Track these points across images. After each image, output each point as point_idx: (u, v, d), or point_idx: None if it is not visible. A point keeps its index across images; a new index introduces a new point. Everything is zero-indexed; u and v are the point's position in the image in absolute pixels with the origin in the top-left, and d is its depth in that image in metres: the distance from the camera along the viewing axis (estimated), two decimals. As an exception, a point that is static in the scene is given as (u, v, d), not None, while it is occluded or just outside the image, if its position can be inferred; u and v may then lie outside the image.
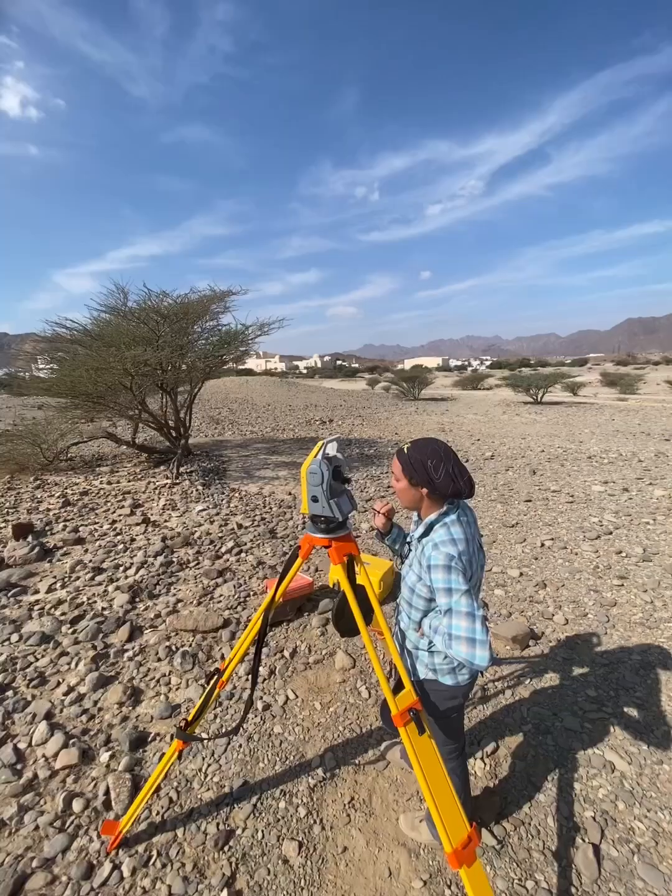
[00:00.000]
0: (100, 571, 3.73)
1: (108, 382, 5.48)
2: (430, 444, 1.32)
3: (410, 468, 1.30)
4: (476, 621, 1.11)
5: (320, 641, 2.89)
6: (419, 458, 1.28)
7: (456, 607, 1.14)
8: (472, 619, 1.12)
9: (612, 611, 3.15)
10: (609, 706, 2.28)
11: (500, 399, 19.41)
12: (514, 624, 2.90)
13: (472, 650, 1.09)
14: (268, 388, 21.30)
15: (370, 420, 12.73)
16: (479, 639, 1.10)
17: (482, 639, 1.10)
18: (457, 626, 1.13)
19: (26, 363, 7.78)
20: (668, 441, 9.10)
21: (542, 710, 2.27)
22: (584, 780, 1.90)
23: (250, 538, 4.47)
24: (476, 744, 2.08)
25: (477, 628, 1.11)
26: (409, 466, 1.30)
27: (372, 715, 2.29)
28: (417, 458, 1.29)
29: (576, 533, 4.54)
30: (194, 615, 3.06)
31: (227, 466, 7.22)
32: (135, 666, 2.62)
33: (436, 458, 1.27)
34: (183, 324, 6.12)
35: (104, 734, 2.13)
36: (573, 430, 10.89)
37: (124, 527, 4.69)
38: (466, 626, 1.11)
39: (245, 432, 10.49)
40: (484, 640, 1.09)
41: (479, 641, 1.09)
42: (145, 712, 2.29)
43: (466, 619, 1.12)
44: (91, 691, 2.40)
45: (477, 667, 1.10)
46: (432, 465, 1.26)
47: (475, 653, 1.09)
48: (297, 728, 2.22)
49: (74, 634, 2.89)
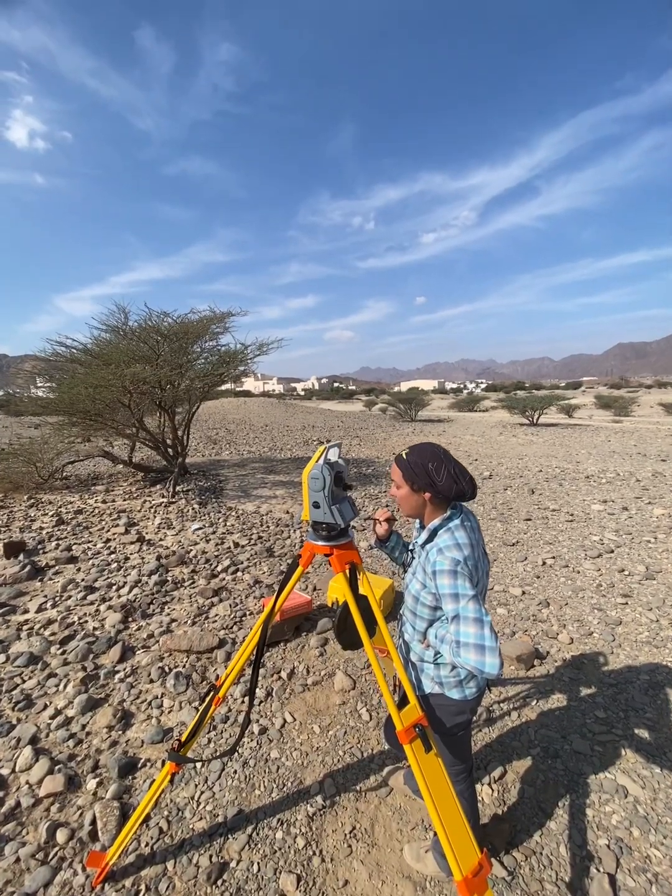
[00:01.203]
0: (92, 590, 3.64)
1: (106, 400, 5.47)
2: (429, 447, 1.31)
3: (411, 473, 1.27)
4: (485, 627, 1.07)
5: (319, 662, 2.80)
6: (419, 463, 1.26)
7: (463, 613, 1.10)
8: (481, 624, 1.08)
9: (618, 629, 3.08)
10: (619, 728, 2.20)
11: (496, 421, 19.54)
12: (519, 643, 2.82)
13: (481, 657, 1.05)
14: (265, 409, 21.37)
15: (368, 440, 12.74)
16: (488, 645, 1.05)
17: (492, 645, 1.05)
18: (465, 633, 1.08)
19: (25, 383, 7.78)
20: (665, 461, 9.13)
21: (550, 733, 2.18)
22: (596, 805, 1.81)
23: (247, 557, 4.39)
24: (483, 768, 1.99)
25: (486, 634, 1.06)
26: (409, 471, 1.28)
27: (374, 738, 2.20)
28: (418, 463, 1.27)
29: (577, 551, 4.49)
30: (188, 635, 2.97)
31: (223, 485, 7.15)
32: (126, 688, 2.52)
33: (436, 460, 1.25)
34: (183, 343, 6.17)
35: (92, 760, 2.02)
36: (570, 450, 10.93)
37: (118, 545, 4.60)
38: (475, 632, 1.07)
39: (242, 452, 10.46)
40: (494, 647, 1.05)
41: (488, 648, 1.05)
42: (135, 736, 2.19)
43: (474, 624, 1.08)
44: (79, 714, 2.30)
45: (487, 675, 1.05)
46: (433, 468, 1.24)
47: (485, 660, 1.05)
48: (296, 753, 2.12)
49: (63, 655, 2.79)
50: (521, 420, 18.49)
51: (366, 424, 17.44)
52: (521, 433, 14.79)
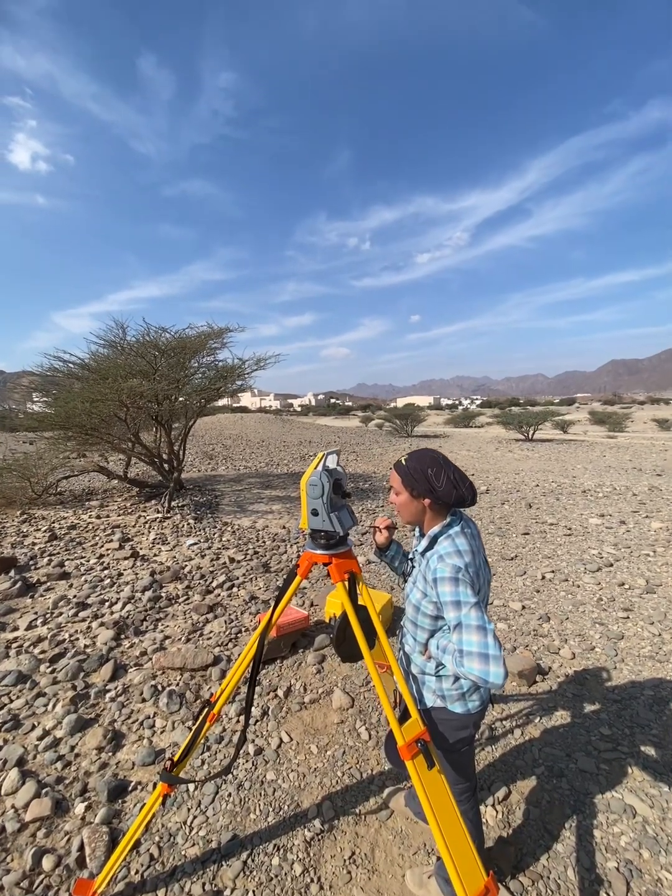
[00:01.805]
0: (84, 607, 3.56)
1: (102, 414, 5.46)
2: (428, 453, 1.30)
3: (411, 479, 1.26)
4: (488, 635, 1.05)
5: (316, 679, 2.73)
6: (419, 468, 1.25)
7: (466, 621, 1.07)
8: (484, 632, 1.05)
9: (620, 644, 3.03)
10: (625, 745, 2.14)
11: (492, 436, 19.63)
12: (520, 658, 2.77)
13: (485, 666, 1.02)
14: (262, 425, 21.39)
15: (365, 456, 12.74)
16: (492, 654, 1.03)
17: (495, 654, 1.03)
18: (468, 642, 1.06)
19: (21, 398, 7.76)
20: (661, 476, 9.16)
21: (554, 751, 2.12)
22: (603, 826, 1.74)
23: (243, 572, 4.33)
24: (486, 789, 1.92)
25: (489, 642, 1.04)
26: (409, 477, 1.27)
27: (373, 758, 2.13)
28: (417, 468, 1.25)
29: (576, 565, 4.45)
30: (182, 652, 2.90)
31: (219, 500, 7.10)
32: (117, 707, 2.44)
33: (435, 465, 1.24)
34: (180, 358, 6.20)
35: (80, 783, 1.94)
36: (566, 465, 10.96)
37: (112, 561, 4.53)
38: (478, 640, 1.05)
39: (239, 467, 10.41)
40: (497, 656, 1.02)
41: (492, 657, 1.02)
42: (126, 758, 2.11)
43: (478, 632, 1.05)
44: (68, 735, 2.22)
45: (491, 685, 1.02)
46: (433, 474, 1.23)
47: (489, 669, 1.02)
48: (292, 774, 2.04)
49: (53, 674, 2.71)
50: (516, 436, 18.58)
51: (362, 440, 17.46)
52: (517, 448, 14.84)
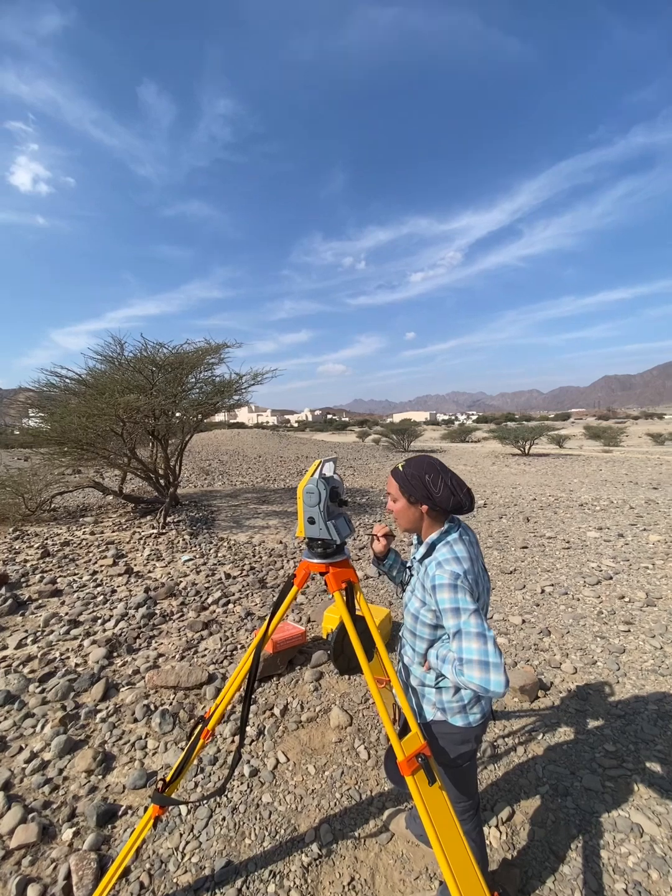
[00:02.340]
0: (76, 625, 3.49)
1: (99, 429, 5.44)
2: (426, 459, 1.29)
3: (408, 485, 1.25)
4: (488, 642, 1.03)
5: (314, 697, 2.67)
6: (416, 474, 1.25)
7: (465, 628, 1.05)
8: (484, 639, 1.03)
9: (622, 658, 2.98)
10: (630, 762, 2.09)
11: (488, 451, 19.69)
12: (522, 673, 2.72)
13: (485, 674, 1.00)
14: (259, 440, 21.37)
15: (362, 471, 12.72)
16: (492, 661, 1.01)
17: (496, 661, 1.00)
18: (468, 649, 1.04)
19: (18, 414, 7.73)
20: (657, 489, 9.18)
21: (558, 769, 2.06)
22: (610, 846, 1.69)
23: (238, 588, 4.26)
24: (489, 809, 1.86)
25: (490, 650, 1.02)
26: (406, 483, 1.26)
27: (372, 779, 2.06)
28: (414, 474, 1.25)
29: (575, 578, 4.42)
30: (176, 670, 2.83)
31: (215, 516, 7.03)
32: (108, 728, 2.37)
33: (433, 471, 1.24)
34: (178, 373, 6.22)
35: (69, 807, 1.87)
36: (562, 479, 10.98)
37: (105, 578, 4.46)
38: (478, 647, 1.02)
39: (235, 482, 10.36)
40: (498, 663, 1.00)
41: (492, 664, 1.00)
42: (116, 781, 2.04)
43: (477, 640, 1.03)
44: (56, 758, 2.14)
45: (493, 694, 1.00)
46: (430, 480, 1.22)
47: (489, 677, 1.00)
48: (289, 796, 1.98)
49: (43, 693, 2.63)
50: (512, 450, 18.64)
51: (359, 455, 17.46)
52: (514, 463, 14.88)
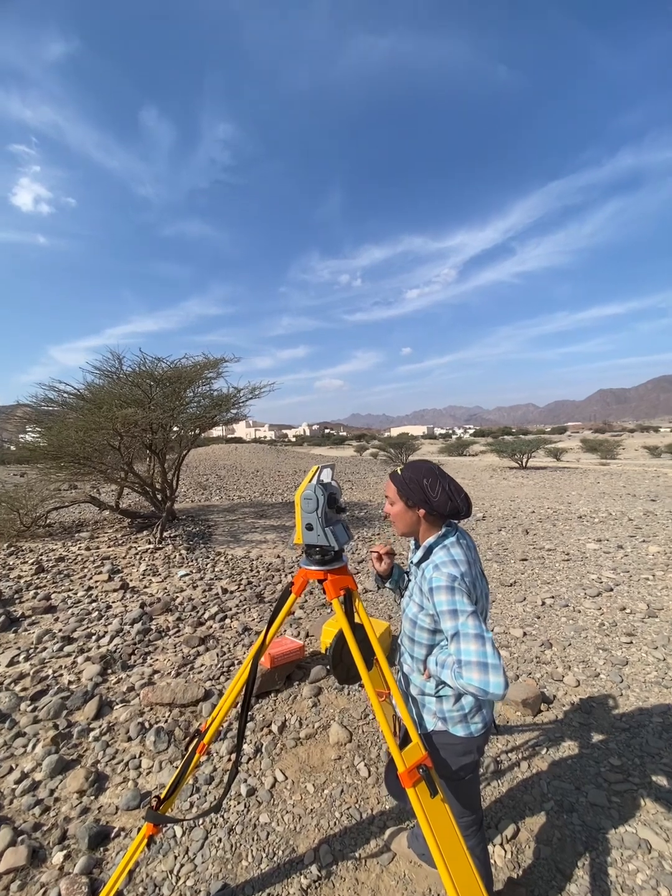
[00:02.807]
0: (70, 641, 3.42)
1: (96, 443, 5.43)
2: (424, 464, 1.30)
3: (406, 489, 1.26)
4: (486, 644, 1.02)
5: (312, 713, 2.61)
6: (414, 478, 1.25)
7: (463, 630, 1.05)
8: (482, 641, 1.02)
9: (625, 670, 2.94)
10: (636, 776, 2.04)
11: (486, 464, 19.71)
12: (524, 686, 2.67)
13: (484, 676, 0.99)
14: (257, 455, 21.34)
15: (360, 485, 12.69)
16: (491, 663, 0.99)
17: (495, 663, 0.99)
18: (466, 651, 1.02)
19: (15, 429, 7.72)
20: (655, 501, 9.19)
21: (563, 784, 2.01)
22: (618, 863, 1.64)
23: (236, 603, 4.21)
24: (493, 827, 1.81)
25: (488, 651, 1.01)
26: (404, 487, 1.26)
27: (373, 796, 2.01)
28: (413, 478, 1.26)
29: (576, 590, 4.38)
30: (172, 687, 2.77)
31: (213, 530, 6.98)
32: (101, 747, 2.31)
33: (431, 476, 1.25)
34: (176, 387, 6.25)
35: (59, 829, 1.81)
36: (560, 492, 10.97)
37: (100, 593, 4.40)
38: (476, 649, 1.01)
39: (233, 497, 10.31)
40: (497, 665, 0.99)
41: (491, 666, 0.99)
42: (109, 802, 1.97)
43: (476, 641, 1.02)
44: (48, 778, 2.08)
45: (492, 696, 0.98)
46: (428, 484, 1.23)
47: (488, 679, 0.98)
48: (287, 816, 1.92)
49: (34, 712, 2.57)
50: (510, 463, 18.67)
51: (357, 469, 17.45)
52: (512, 476, 14.89)
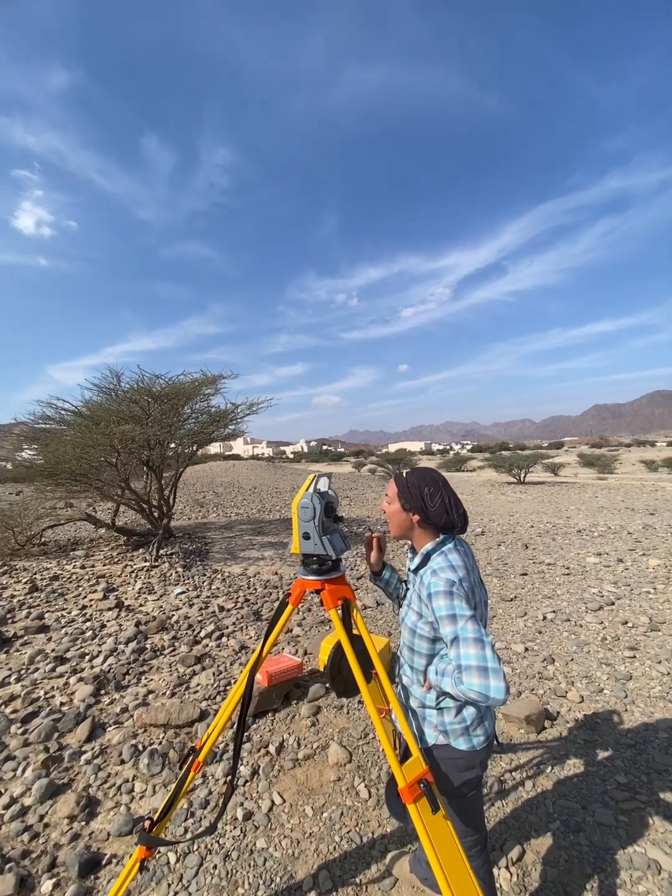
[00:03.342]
0: (62, 661, 3.35)
1: (93, 459, 5.42)
2: (430, 472, 1.31)
3: (406, 492, 1.26)
4: (486, 647, 1.01)
5: (311, 733, 2.55)
6: (416, 484, 1.26)
7: (462, 634, 1.03)
8: (482, 644, 1.01)
9: (629, 685, 2.89)
10: (643, 793, 1.98)
11: (484, 480, 19.70)
12: (526, 703, 2.62)
13: (485, 681, 0.97)
14: (254, 472, 21.28)
15: (358, 501, 12.65)
16: (491, 667, 0.98)
17: (495, 667, 0.98)
18: (465, 655, 1.01)
19: (13, 447, 7.70)
20: (653, 515, 9.17)
21: (569, 803, 1.96)
22: (627, 885, 1.58)
23: (232, 621, 4.14)
24: (498, 849, 1.75)
25: (488, 655, 1.00)
26: (405, 490, 1.27)
27: (374, 819, 1.94)
28: (415, 484, 1.26)
29: (577, 604, 4.34)
30: (167, 707, 2.71)
31: (209, 548, 6.91)
32: (93, 770, 2.24)
33: (433, 486, 1.25)
34: (174, 403, 6.27)
35: (49, 856, 1.74)
36: (559, 506, 10.95)
37: (95, 612, 4.33)
38: (476, 653, 1.00)
39: (230, 514, 10.24)
40: (497, 669, 0.98)
41: (491, 669, 0.98)
42: (100, 828, 1.91)
43: (475, 645, 1.01)
44: (37, 803, 2.01)
45: (493, 701, 0.97)
46: (429, 493, 1.23)
47: (489, 683, 0.97)
48: (285, 841, 1.85)
49: (25, 735, 2.50)
50: (508, 479, 18.66)
51: (355, 485, 17.41)
52: (510, 491, 14.87)
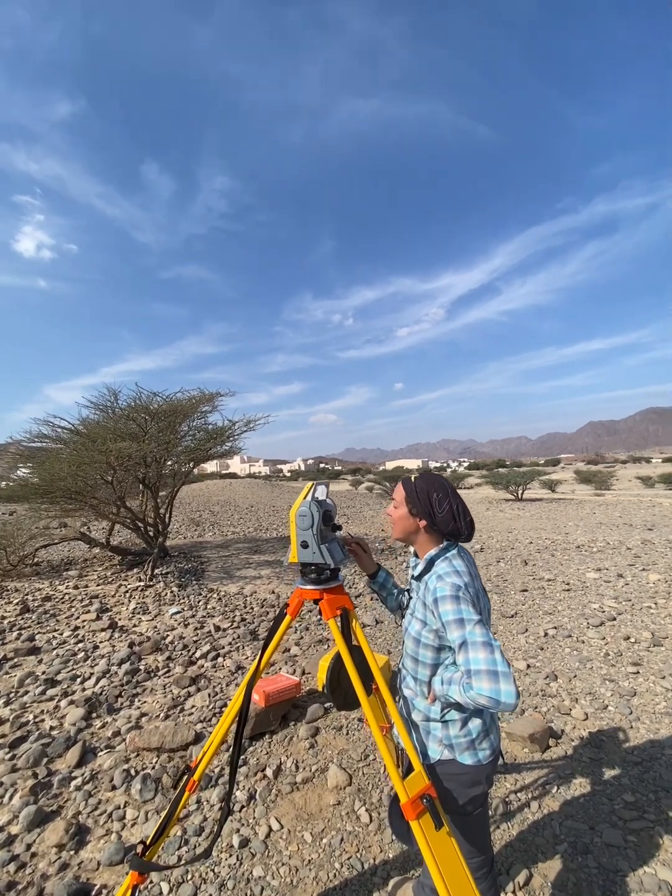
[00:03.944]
0: (53, 684, 3.26)
1: (88, 477, 5.38)
2: (439, 478, 1.30)
3: (414, 496, 1.25)
4: (495, 651, 0.99)
5: (309, 755, 2.47)
6: (425, 489, 1.25)
7: (471, 638, 1.02)
8: (491, 648, 1.00)
9: (634, 701, 2.84)
10: (651, 812, 1.93)
11: (482, 496, 19.66)
12: (530, 721, 2.56)
13: (495, 685, 0.95)
14: (251, 490, 21.16)
15: (356, 518, 12.57)
16: (501, 671, 0.96)
17: (505, 670, 0.96)
18: (475, 660, 0.99)
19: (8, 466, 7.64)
20: (652, 530, 9.16)
21: (576, 824, 1.89)
22: (641, 910, 1.52)
23: (228, 641, 4.06)
24: (505, 873, 1.68)
25: (497, 659, 0.98)
26: (413, 495, 1.26)
27: (375, 844, 1.87)
28: (423, 489, 1.25)
29: (578, 620, 4.28)
30: (160, 730, 2.63)
31: (205, 567, 6.81)
32: (83, 797, 2.16)
33: (442, 492, 1.24)
34: (171, 421, 6.28)
35: (36, 888, 1.66)
36: (557, 523, 10.93)
37: (88, 633, 4.23)
38: (485, 657, 0.99)
39: (227, 533, 10.13)
40: (507, 673, 0.96)
41: (501, 673, 0.96)
42: (90, 857, 1.82)
43: (484, 649, 1.00)
44: (25, 831, 1.93)
45: (504, 706, 0.94)
46: (437, 499, 1.23)
47: (499, 687, 0.95)
48: (283, 868, 1.78)
49: (13, 760, 2.41)
50: (506, 496, 18.65)
51: (353, 503, 17.33)
52: (508, 508, 14.84)
